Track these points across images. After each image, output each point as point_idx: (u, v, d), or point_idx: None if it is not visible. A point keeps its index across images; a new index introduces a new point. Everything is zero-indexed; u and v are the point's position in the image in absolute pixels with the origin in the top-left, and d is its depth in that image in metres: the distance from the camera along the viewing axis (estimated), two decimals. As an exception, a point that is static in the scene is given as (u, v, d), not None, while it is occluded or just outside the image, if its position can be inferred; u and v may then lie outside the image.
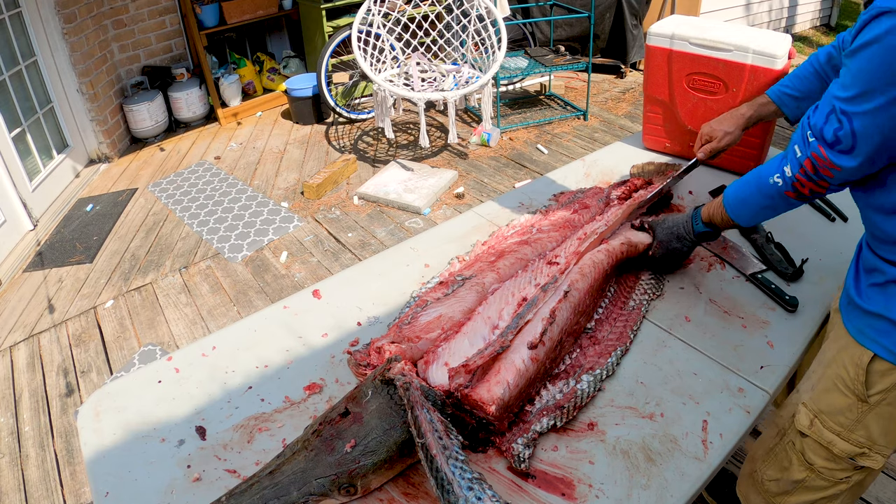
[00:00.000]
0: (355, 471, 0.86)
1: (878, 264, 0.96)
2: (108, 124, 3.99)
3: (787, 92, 1.31)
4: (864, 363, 0.97)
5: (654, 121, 1.81)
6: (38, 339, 2.55)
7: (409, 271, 1.39)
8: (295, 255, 2.98)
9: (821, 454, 1.07)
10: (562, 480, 0.91)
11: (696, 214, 1.21)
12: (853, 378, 0.99)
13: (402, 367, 0.95)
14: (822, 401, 1.05)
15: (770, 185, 1.01)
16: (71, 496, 1.90)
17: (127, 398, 1.10)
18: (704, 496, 1.56)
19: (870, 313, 0.96)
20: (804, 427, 1.08)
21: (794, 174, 0.96)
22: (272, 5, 4.48)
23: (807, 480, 1.10)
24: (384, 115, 3.43)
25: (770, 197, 1.02)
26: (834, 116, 0.87)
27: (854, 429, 1.02)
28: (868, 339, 0.97)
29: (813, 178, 0.94)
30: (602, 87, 4.75)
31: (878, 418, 0.99)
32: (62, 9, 3.54)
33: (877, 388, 0.97)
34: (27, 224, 3.28)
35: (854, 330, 1.00)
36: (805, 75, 1.27)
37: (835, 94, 0.88)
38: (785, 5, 5.61)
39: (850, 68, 0.85)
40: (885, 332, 0.95)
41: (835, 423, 1.04)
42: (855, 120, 0.84)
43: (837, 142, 0.87)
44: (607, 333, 1.17)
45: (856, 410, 1.01)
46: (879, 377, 0.97)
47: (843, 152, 0.87)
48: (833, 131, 0.88)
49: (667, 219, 1.28)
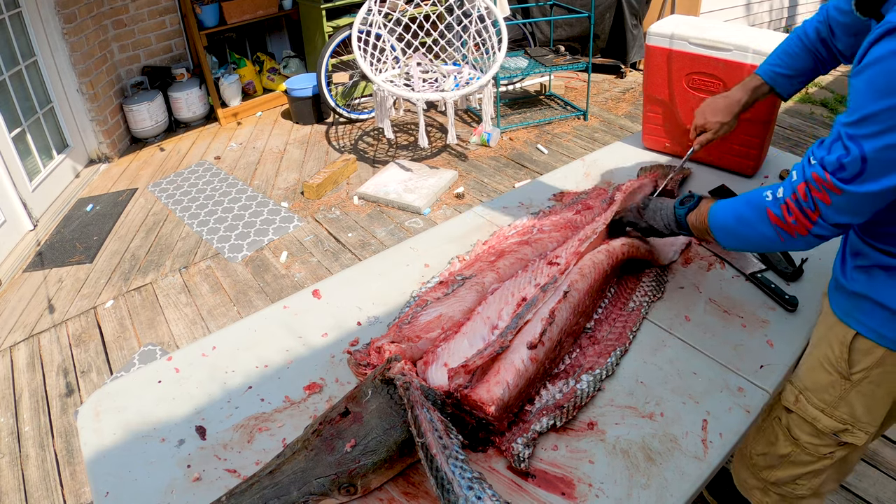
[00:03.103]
0: (355, 470, 0.86)
1: (863, 248, 0.97)
2: (108, 124, 3.99)
3: (779, 71, 1.28)
4: (848, 341, 0.99)
5: (654, 121, 1.81)
6: (38, 339, 2.55)
7: (409, 271, 1.40)
8: (295, 255, 2.98)
9: (805, 430, 1.10)
10: (562, 480, 0.91)
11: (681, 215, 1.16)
12: (837, 356, 1.02)
13: (402, 367, 0.95)
14: (808, 378, 1.08)
15: (760, 196, 0.96)
16: (71, 496, 1.90)
17: (127, 398, 1.10)
18: (704, 495, 1.56)
19: (854, 294, 0.98)
20: (790, 403, 1.10)
21: (784, 196, 0.91)
22: (272, 5, 4.48)
23: (792, 455, 1.13)
24: (384, 116, 3.43)
25: (754, 208, 0.97)
26: (840, 144, 0.82)
27: (837, 405, 1.04)
28: (852, 319, 0.99)
29: (803, 205, 0.88)
30: (602, 87, 4.75)
31: (860, 396, 1.02)
32: (62, 9, 3.54)
33: (859, 367, 1.00)
34: (27, 224, 3.28)
35: (840, 311, 1.02)
36: (796, 52, 1.24)
37: (842, 121, 0.82)
38: (785, 5, 5.61)
39: (857, 88, 0.79)
40: (869, 311, 0.96)
41: (819, 400, 1.06)
42: (865, 143, 0.78)
43: (841, 169, 0.81)
44: (607, 333, 1.17)
45: (839, 387, 1.03)
46: (862, 355, 0.99)
47: (845, 180, 0.81)
48: (837, 158, 0.82)
49: (658, 202, 1.25)
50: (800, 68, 1.25)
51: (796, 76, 1.26)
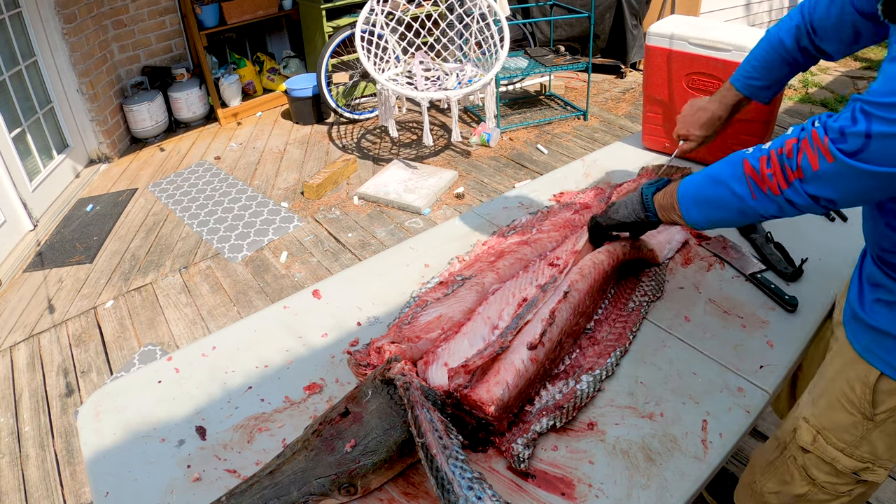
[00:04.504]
0: (355, 470, 0.86)
1: (884, 281, 0.91)
2: (108, 124, 3.99)
3: (757, 84, 1.25)
4: (872, 382, 0.94)
5: (654, 121, 1.81)
6: (38, 339, 2.55)
7: (409, 271, 1.39)
8: (295, 255, 2.98)
9: (824, 469, 1.05)
10: (562, 480, 0.91)
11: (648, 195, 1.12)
12: (860, 396, 0.97)
13: (402, 367, 0.95)
14: (826, 417, 1.03)
15: (739, 152, 0.89)
16: (71, 496, 1.90)
17: (127, 398, 1.10)
18: (704, 496, 1.56)
19: (875, 329, 0.93)
20: (806, 443, 1.06)
21: (769, 148, 0.84)
22: (272, 5, 4.48)
23: (809, 494, 1.09)
24: (388, 115, 3.43)
25: (729, 163, 0.90)
26: (849, 114, 0.75)
27: (859, 445, 1.00)
28: (875, 357, 0.94)
29: (786, 161, 0.81)
30: (602, 87, 4.75)
31: (883, 435, 0.97)
32: (62, 9, 3.54)
33: (884, 407, 0.95)
34: (27, 224, 3.28)
35: (860, 346, 0.96)
36: (772, 64, 1.20)
37: (862, 98, 0.75)
38: (785, 5, 5.61)
39: (889, 74, 0.73)
40: (892, 350, 0.91)
41: (839, 440, 1.01)
42: (875, 124, 0.72)
43: (842, 138, 0.75)
44: (606, 334, 1.17)
45: (861, 428, 0.98)
46: (887, 396, 0.94)
47: (842, 151, 0.75)
48: (841, 127, 0.75)
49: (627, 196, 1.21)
50: (777, 78, 1.23)
51: (774, 85, 1.24)
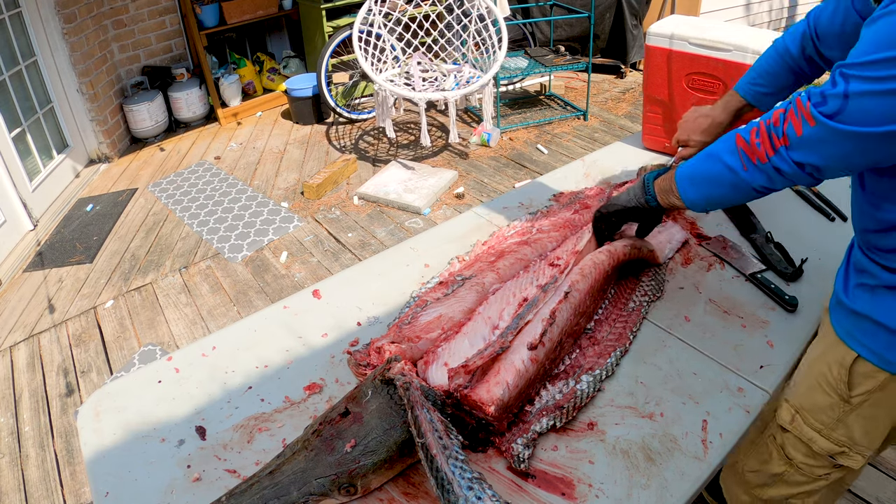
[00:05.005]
0: (355, 471, 0.86)
1: (870, 266, 0.93)
2: (108, 124, 3.99)
3: (762, 91, 1.26)
4: (848, 364, 0.96)
5: (654, 121, 1.81)
6: (38, 339, 2.55)
7: (409, 271, 1.40)
8: (295, 255, 2.98)
9: (801, 450, 1.07)
10: (562, 480, 0.91)
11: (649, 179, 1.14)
12: (836, 378, 0.98)
13: (402, 367, 0.95)
14: (805, 398, 1.05)
15: (733, 131, 0.94)
16: (71, 496, 1.90)
17: (127, 398, 1.10)
18: (704, 496, 1.56)
19: (856, 313, 0.95)
20: (785, 422, 1.08)
21: (760, 120, 0.89)
22: (272, 5, 4.48)
23: (786, 475, 1.11)
24: (386, 116, 3.43)
25: (725, 139, 0.95)
26: (830, 79, 0.80)
27: (835, 427, 1.01)
28: (854, 340, 0.95)
29: (773, 129, 0.86)
30: (602, 87, 4.75)
31: (859, 419, 0.99)
32: (62, 9, 3.54)
33: (859, 390, 0.96)
34: (27, 224, 3.28)
35: (841, 330, 0.98)
36: (778, 71, 1.22)
37: (842, 62, 0.79)
38: (785, 5, 5.61)
39: (864, 37, 0.78)
40: (871, 333, 0.93)
41: (816, 421, 1.03)
42: (852, 83, 0.76)
43: (823, 101, 0.80)
44: (606, 334, 1.17)
45: (837, 410, 1.00)
46: (863, 378, 0.96)
47: (823, 113, 0.80)
48: (822, 90, 0.80)
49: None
50: (782, 85, 1.24)
51: (779, 92, 1.25)
